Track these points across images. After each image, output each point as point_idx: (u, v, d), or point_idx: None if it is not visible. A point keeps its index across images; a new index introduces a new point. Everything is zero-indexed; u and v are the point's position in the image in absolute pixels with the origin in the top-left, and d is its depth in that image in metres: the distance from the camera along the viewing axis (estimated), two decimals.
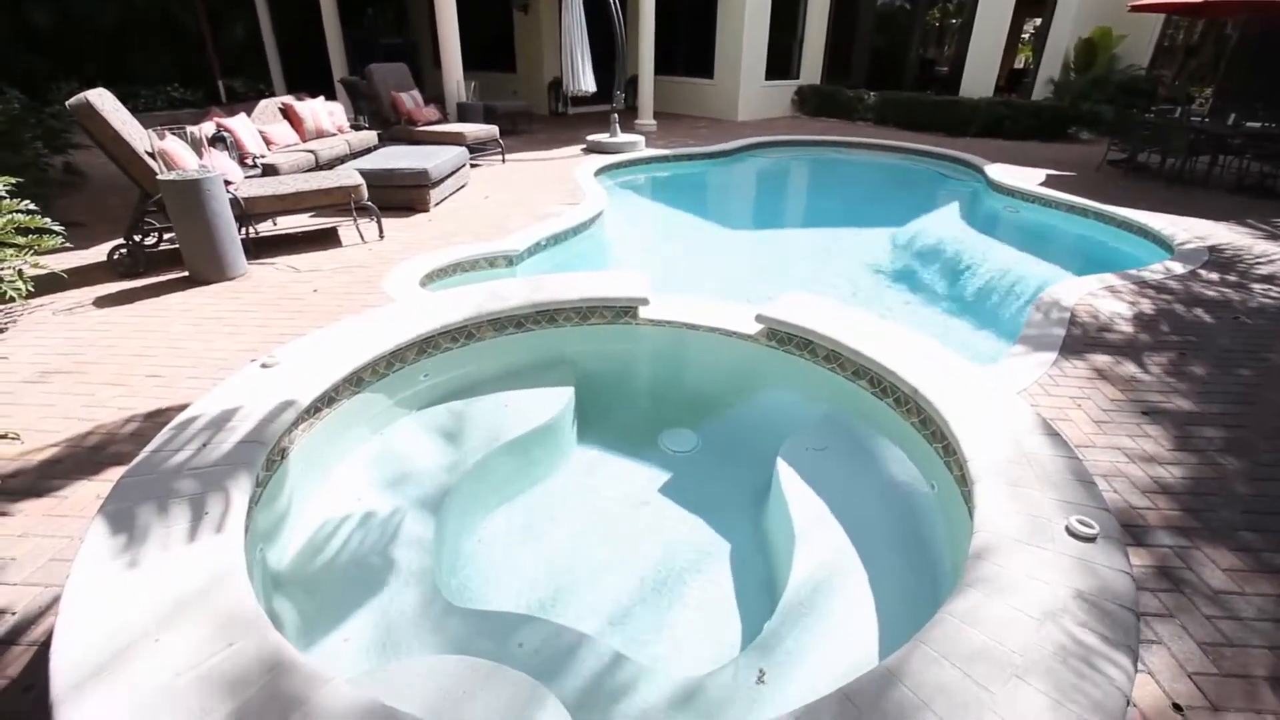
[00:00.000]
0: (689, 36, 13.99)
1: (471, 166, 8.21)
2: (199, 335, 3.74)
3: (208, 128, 5.81)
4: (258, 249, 5.15)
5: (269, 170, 6.07)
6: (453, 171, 6.96)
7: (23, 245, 3.80)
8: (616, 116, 10.05)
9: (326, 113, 7.87)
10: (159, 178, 4.34)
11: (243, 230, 4.94)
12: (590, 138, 10.11)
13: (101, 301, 4.22)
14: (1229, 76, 10.18)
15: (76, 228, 5.27)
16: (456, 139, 8.32)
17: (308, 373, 2.61)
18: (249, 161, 6.15)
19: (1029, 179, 8.14)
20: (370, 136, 8.31)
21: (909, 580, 2.20)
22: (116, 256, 4.68)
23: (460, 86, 10.05)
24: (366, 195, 5.47)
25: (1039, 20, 12.99)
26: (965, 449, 2.21)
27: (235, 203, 4.78)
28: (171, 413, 2.89)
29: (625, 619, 2.32)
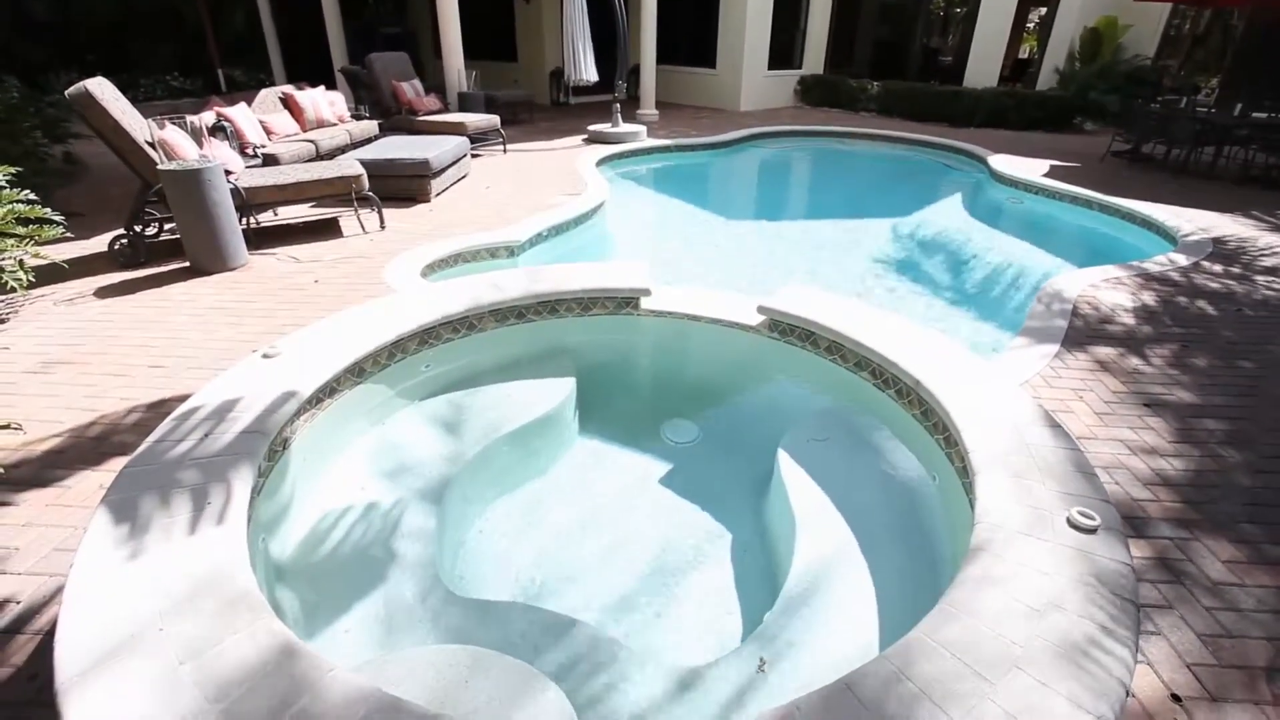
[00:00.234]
0: (691, 26, 13.89)
1: (473, 157, 8.19)
2: (200, 326, 3.74)
3: (208, 117, 5.79)
4: (259, 239, 5.14)
5: (269, 160, 6.05)
6: (454, 161, 6.94)
7: (23, 235, 3.79)
8: (618, 106, 10.01)
9: (327, 102, 7.84)
10: (159, 168, 4.33)
11: (244, 220, 4.93)
12: (592, 128, 10.06)
13: (103, 292, 4.21)
14: (1236, 66, 10.09)
15: (77, 218, 5.27)
16: (458, 129, 8.28)
17: (309, 363, 2.61)
18: (249, 151, 6.13)
19: (1032, 170, 8.10)
20: (371, 126, 8.28)
21: (910, 571, 2.20)
22: (117, 247, 4.68)
23: (461, 76, 9.99)
24: (367, 185, 5.46)
25: (1044, 9, 12.92)
26: (967, 440, 2.21)
27: (236, 193, 4.77)
28: (173, 403, 2.90)
29: (626, 609, 2.33)
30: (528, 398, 3.05)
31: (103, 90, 4.50)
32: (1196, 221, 6.05)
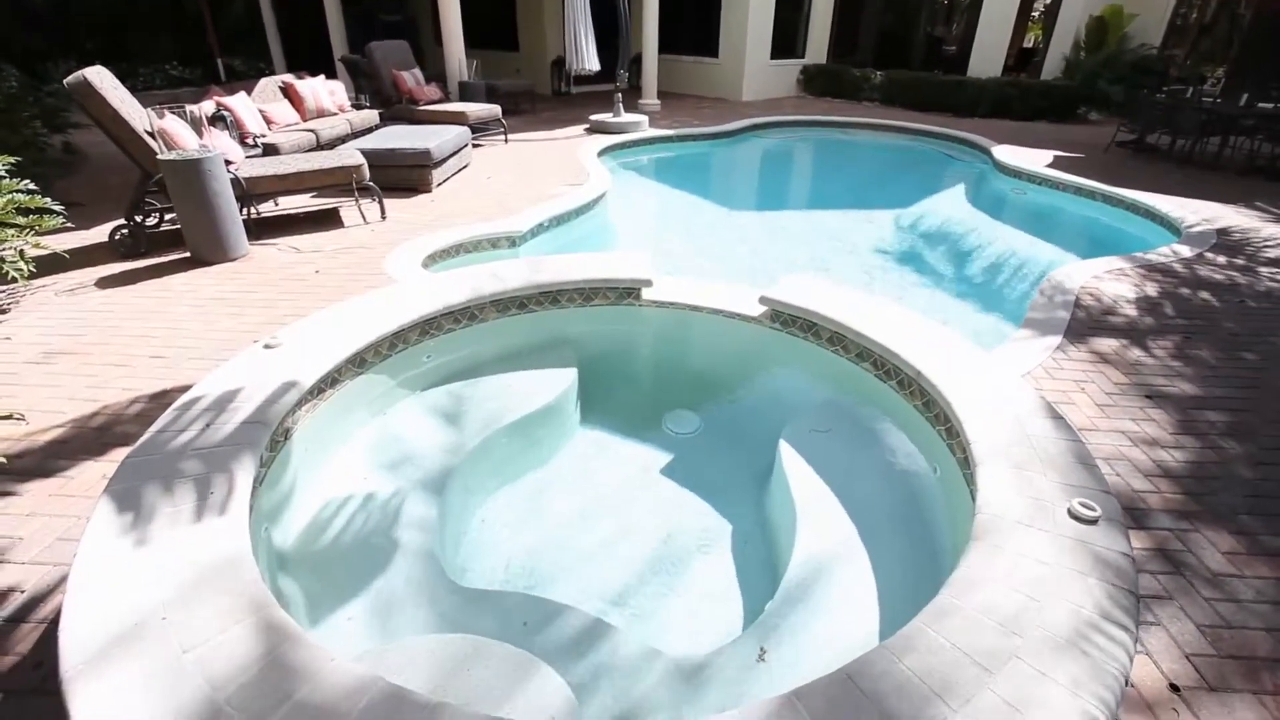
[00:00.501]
0: (694, 15, 13.79)
1: (474, 146, 8.15)
2: (201, 316, 3.74)
3: (207, 107, 5.77)
4: (259, 230, 5.13)
5: (270, 150, 6.03)
6: (455, 151, 6.91)
7: (23, 225, 3.78)
8: (620, 96, 9.96)
9: (327, 92, 7.80)
10: (159, 157, 4.32)
11: (244, 210, 4.92)
12: (593, 118, 10.01)
13: (104, 282, 4.21)
14: (1242, 56, 10.00)
15: (77, 208, 5.26)
16: (459, 118, 8.25)
17: (310, 354, 2.61)
18: (249, 141, 6.11)
19: (1036, 160, 8.05)
20: (371, 116, 8.24)
21: (910, 561, 2.21)
22: (118, 237, 4.67)
23: (462, 65, 9.94)
24: (368, 175, 5.44)
25: None
26: (968, 432, 2.20)
27: (236, 183, 4.75)
28: (175, 393, 2.91)
29: (628, 599, 2.34)
30: (529, 388, 3.05)
31: (101, 79, 4.48)
32: (1201, 213, 6.02)
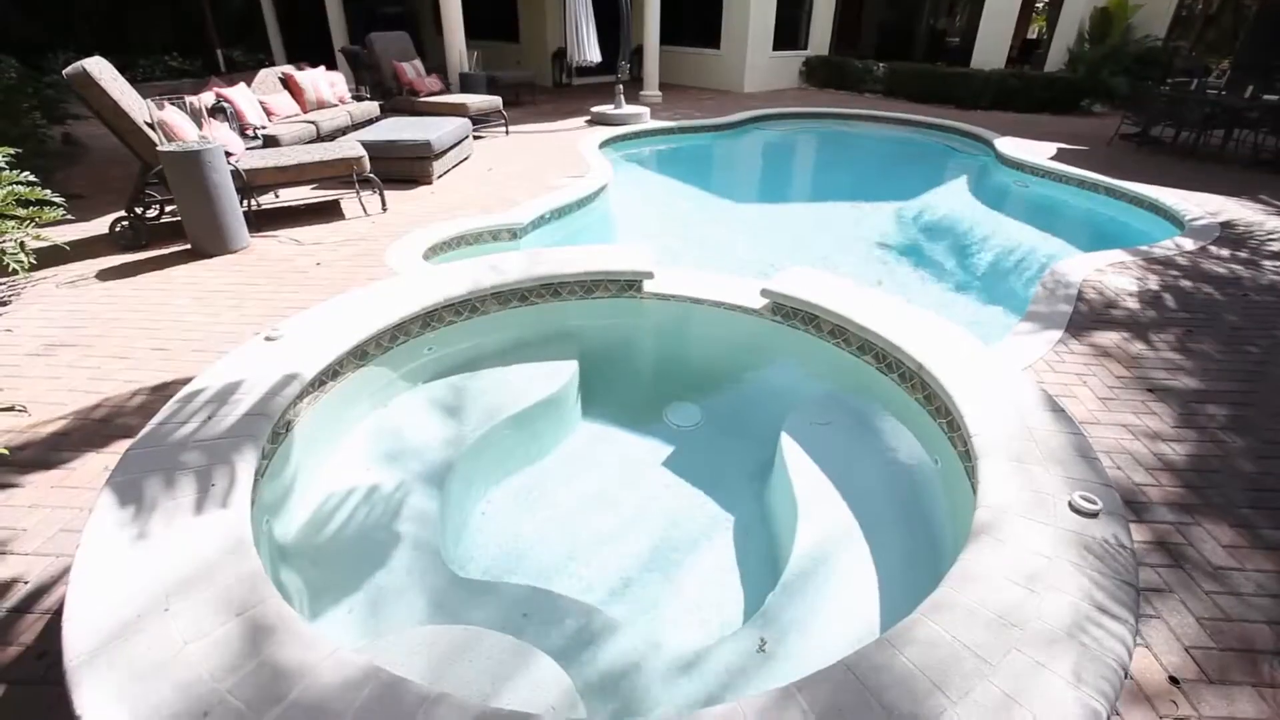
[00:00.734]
0: (695, 6, 13.70)
1: (475, 138, 8.12)
2: (203, 308, 3.74)
3: (207, 98, 5.75)
4: (260, 222, 5.12)
5: (270, 141, 6.02)
6: (456, 143, 6.89)
7: (23, 217, 3.77)
8: (621, 88, 9.91)
9: (327, 83, 7.77)
10: (159, 149, 4.31)
11: (244, 202, 4.91)
12: (595, 109, 9.97)
13: (104, 274, 4.21)
14: (1248, 47, 9.94)
15: (77, 200, 5.26)
16: (459, 110, 8.22)
17: (312, 346, 2.61)
18: (250, 132, 6.09)
19: (1039, 153, 8.01)
20: (372, 107, 8.21)
21: (911, 554, 2.21)
22: (118, 229, 4.66)
23: (463, 56, 9.89)
24: (369, 167, 5.43)
25: None
26: (970, 425, 2.20)
27: (237, 174, 4.74)
28: (176, 385, 2.90)
29: (628, 590, 2.34)
30: (530, 381, 3.05)
31: (101, 70, 4.46)
32: (1204, 205, 6.00)
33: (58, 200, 3.88)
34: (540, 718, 1.28)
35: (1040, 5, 16.87)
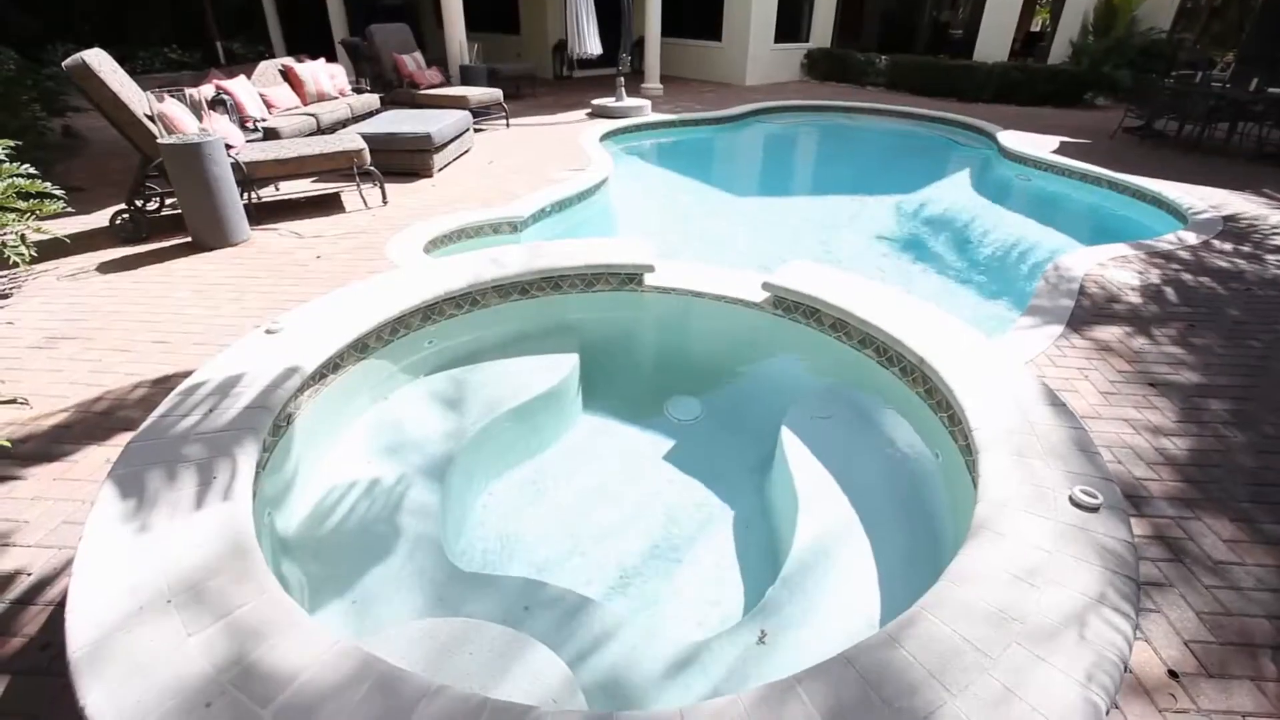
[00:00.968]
0: None
1: (475, 131, 8.09)
2: (203, 301, 3.74)
3: (207, 90, 5.72)
4: (260, 214, 5.11)
5: (270, 134, 6.00)
6: (456, 136, 6.87)
7: (24, 210, 3.77)
8: (622, 80, 9.87)
9: (327, 75, 7.74)
10: (159, 141, 4.30)
11: (245, 195, 4.90)
12: (595, 102, 9.94)
13: (105, 267, 4.21)
14: (1253, 40, 9.87)
15: (77, 192, 5.25)
16: (460, 103, 8.19)
17: (312, 339, 2.61)
18: (250, 125, 6.07)
19: (1042, 146, 7.98)
20: (372, 100, 8.18)
21: (911, 547, 2.21)
22: (119, 222, 4.65)
23: (463, 49, 9.85)
24: (369, 160, 5.41)
25: None
26: (971, 418, 2.20)
27: (237, 167, 4.73)
28: (177, 378, 2.91)
29: (629, 583, 2.35)
30: (531, 374, 3.05)
31: (100, 62, 4.44)
32: (1208, 199, 5.97)
33: (58, 193, 3.87)
34: (540, 710, 1.29)
35: None
